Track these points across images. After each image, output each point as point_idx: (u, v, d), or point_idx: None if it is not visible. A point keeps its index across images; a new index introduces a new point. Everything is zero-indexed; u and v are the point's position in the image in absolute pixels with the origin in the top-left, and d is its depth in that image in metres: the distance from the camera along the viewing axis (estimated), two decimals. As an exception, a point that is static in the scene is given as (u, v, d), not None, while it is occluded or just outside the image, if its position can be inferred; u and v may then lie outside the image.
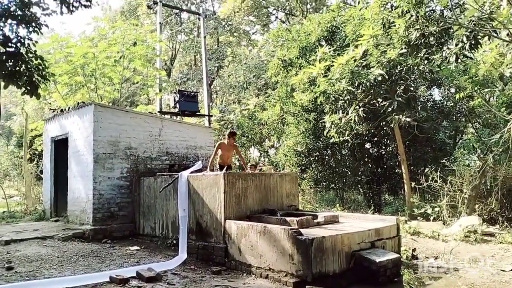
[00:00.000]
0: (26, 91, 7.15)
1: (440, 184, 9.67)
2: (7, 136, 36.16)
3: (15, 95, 27.59)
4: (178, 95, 14.55)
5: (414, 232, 8.73)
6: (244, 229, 6.96)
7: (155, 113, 16.75)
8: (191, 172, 9.21)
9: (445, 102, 13.30)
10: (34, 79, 7.16)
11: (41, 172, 13.32)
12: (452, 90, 12.79)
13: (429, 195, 10.40)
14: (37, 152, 17.56)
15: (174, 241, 8.21)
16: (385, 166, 14.29)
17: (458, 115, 12.89)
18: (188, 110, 14.80)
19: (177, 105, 14.49)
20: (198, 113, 16.23)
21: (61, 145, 10.81)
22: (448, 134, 13.04)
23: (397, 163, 12.97)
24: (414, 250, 8.06)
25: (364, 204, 14.77)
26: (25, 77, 7.09)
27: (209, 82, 22.94)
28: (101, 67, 14.18)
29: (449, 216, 9.43)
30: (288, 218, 7.23)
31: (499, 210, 9.09)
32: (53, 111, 11.50)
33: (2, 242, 7.69)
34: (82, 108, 9.86)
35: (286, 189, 8.78)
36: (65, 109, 10.68)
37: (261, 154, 18.84)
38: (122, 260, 6.99)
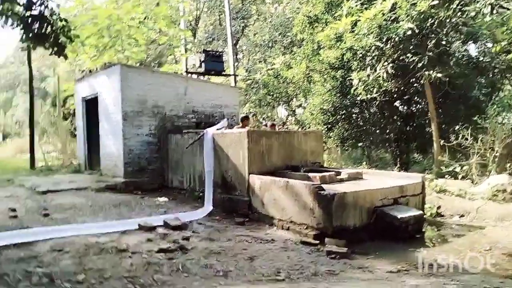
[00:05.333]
0: (53, 52, 7.37)
1: (470, 142, 9.38)
2: (43, 97, 37.53)
3: (47, 58, 28.30)
4: (203, 55, 14.52)
5: (441, 190, 8.61)
6: (267, 184, 7.10)
7: (181, 73, 16.93)
8: (217, 129, 9.37)
9: (481, 58, 12.60)
10: (60, 40, 7.34)
11: (75, 129, 13.88)
12: (489, 44, 12.07)
13: (460, 154, 10.12)
14: (70, 111, 18.21)
15: (201, 194, 8.50)
16: (414, 124, 13.91)
17: (495, 70, 12.21)
18: (213, 69, 14.73)
19: (203, 65, 14.49)
20: (223, 73, 16.19)
21: (91, 104, 11.16)
22: (483, 91, 12.41)
23: (427, 121, 12.61)
24: (439, 207, 7.99)
25: (391, 162, 14.61)
26: (52, 39, 7.27)
27: (234, 42, 22.66)
28: (126, 29, 14.27)
29: (477, 175, 9.21)
30: (310, 174, 7.29)
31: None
32: (83, 72, 11.80)
33: (40, 192, 8.21)
34: (110, 68, 10.08)
35: (311, 146, 8.78)
36: (93, 70, 10.93)
37: (288, 113, 18.75)
38: (151, 210, 7.35)
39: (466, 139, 9.43)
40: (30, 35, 7.19)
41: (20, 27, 7.19)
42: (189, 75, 16.84)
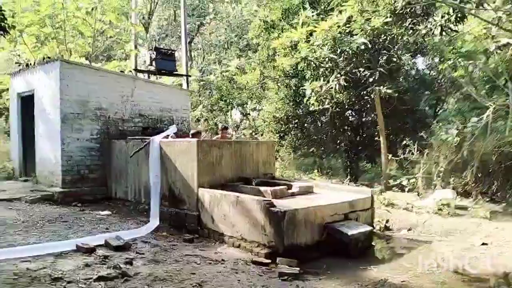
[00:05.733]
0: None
1: (416, 157, 9.71)
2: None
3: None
4: (154, 53, 13.93)
5: (389, 203, 8.82)
6: (217, 198, 6.84)
7: (130, 71, 16.10)
8: (164, 137, 8.93)
9: (428, 72, 13.16)
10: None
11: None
12: (436, 59, 12.61)
13: (406, 166, 10.48)
14: (6, 107, 16.75)
15: (147, 206, 8.03)
16: (364, 135, 14.30)
17: (441, 85, 12.81)
18: (165, 69, 14.20)
19: (153, 63, 13.90)
20: (175, 73, 15.64)
21: (29, 102, 10.22)
22: (428, 104, 13.00)
23: (376, 133, 12.96)
24: (387, 221, 8.17)
25: (341, 171, 14.89)
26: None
27: (188, 40, 22.06)
28: (71, 19, 13.29)
29: (423, 188, 9.55)
30: (262, 188, 7.13)
31: (473, 184, 9.23)
32: (19, 65, 10.81)
33: (-36, 205, 7.36)
34: (48, 64, 9.26)
35: (262, 157, 8.64)
36: (30, 64, 10.02)
37: (242, 116, 18.50)
38: (91, 226, 6.79)
39: (413, 153, 9.75)
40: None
41: None
42: (138, 74, 16.16)
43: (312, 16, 10.34)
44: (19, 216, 6.88)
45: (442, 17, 7.89)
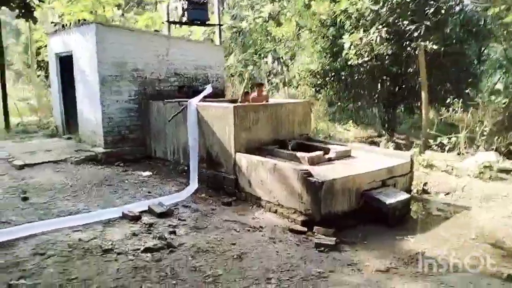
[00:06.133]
0: (20, 14, 6.65)
1: (460, 115, 9.27)
2: (15, 34, 35.15)
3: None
4: (186, 2, 13.56)
5: (428, 164, 8.60)
6: (254, 164, 6.91)
7: (162, 22, 15.87)
8: (203, 97, 8.94)
9: (476, 18, 12.09)
10: (28, 0, 6.61)
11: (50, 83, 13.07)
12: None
13: (448, 126, 10.06)
14: (45, 61, 17.14)
15: (185, 167, 8.27)
16: (403, 85, 13.70)
17: (490, 34, 11.82)
18: (197, 19, 13.88)
19: (185, 14, 13.59)
20: (208, 23, 15.25)
21: (66, 61, 10.39)
22: (475, 54, 12.14)
23: (417, 84, 12.38)
24: (425, 184, 8.03)
25: (378, 122, 14.57)
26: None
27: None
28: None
29: (465, 148, 9.20)
30: (299, 154, 7.10)
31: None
32: (55, 25, 10.85)
33: (17, 166, 7.82)
34: (84, 26, 9.24)
35: (298, 118, 8.53)
36: (66, 25, 10.03)
37: (278, 64, 17.87)
38: (134, 190, 7.11)
39: (456, 111, 9.30)
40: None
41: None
42: (171, 24, 15.87)
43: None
44: (66, 180, 7.28)
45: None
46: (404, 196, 6.65)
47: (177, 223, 5.74)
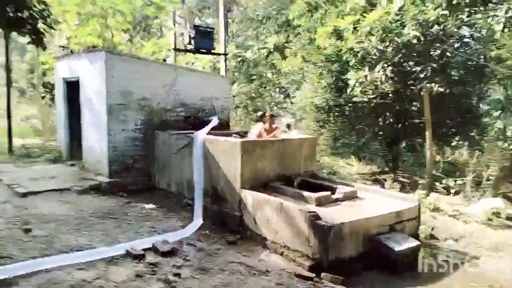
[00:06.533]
0: (31, 40, 6.66)
1: (466, 158, 9.29)
2: (21, 51, 35.38)
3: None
4: (193, 31, 13.77)
5: (434, 208, 8.54)
6: (260, 202, 6.82)
7: (168, 49, 16.02)
8: (209, 129, 8.92)
9: (476, 60, 12.28)
10: (38, 26, 6.61)
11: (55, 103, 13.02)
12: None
13: (453, 168, 10.06)
14: (52, 83, 17.19)
15: (190, 202, 8.16)
16: (406, 123, 13.79)
17: (493, 74, 11.96)
18: (203, 47, 14.08)
19: (192, 42, 13.78)
20: (213, 51, 15.45)
21: (74, 87, 10.39)
22: (478, 95, 12.29)
23: (421, 124, 12.44)
24: (432, 229, 7.93)
25: (380, 158, 14.57)
26: (29, 25, 6.55)
27: (225, 12, 21.53)
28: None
29: (471, 191, 9.17)
30: (305, 194, 7.03)
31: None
32: (63, 49, 10.91)
33: (20, 194, 7.70)
34: (93, 53, 9.31)
35: (304, 154, 8.51)
36: (75, 51, 10.10)
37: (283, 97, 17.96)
38: (138, 224, 6.98)
39: (462, 154, 9.31)
40: (3, 20, 6.45)
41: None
42: (178, 52, 16.04)
43: (361, 2, 9.74)
44: (70, 211, 7.15)
45: (506, 12, 7.23)
46: (413, 243, 6.52)
47: (181, 263, 5.61)
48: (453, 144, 9.68)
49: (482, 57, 11.76)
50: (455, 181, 9.37)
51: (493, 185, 8.74)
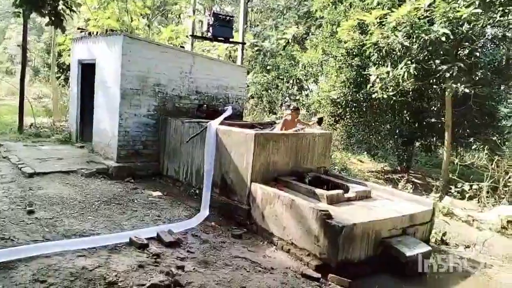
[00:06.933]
0: (50, 22, 6.53)
1: (484, 162, 8.92)
2: (38, 32, 35.67)
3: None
4: (212, 18, 13.54)
5: (448, 212, 8.23)
6: (270, 197, 6.63)
7: (186, 36, 15.84)
8: (223, 119, 8.73)
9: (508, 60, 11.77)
10: (59, 8, 6.49)
11: (69, 86, 13.01)
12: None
13: (470, 172, 9.70)
14: (66, 65, 17.20)
15: (197, 191, 8.02)
16: (423, 122, 13.39)
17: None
18: (222, 36, 13.83)
19: (210, 29, 13.56)
20: (231, 40, 15.19)
21: (89, 69, 10.29)
22: (504, 98, 11.85)
23: (439, 125, 12.07)
24: (444, 234, 7.65)
25: (393, 157, 14.24)
26: (49, 5, 6.42)
27: (246, 1, 21.19)
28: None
29: (487, 197, 8.82)
30: (317, 191, 6.80)
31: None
32: (81, 31, 10.80)
33: (26, 174, 7.63)
34: (111, 37, 9.15)
35: (318, 150, 8.28)
36: (92, 33, 9.96)
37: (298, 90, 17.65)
38: (143, 212, 6.85)
39: (481, 158, 8.94)
40: (25, -1, 6.35)
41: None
42: (195, 39, 15.83)
43: (389, -4, 9.37)
44: (75, 194, 7.05)
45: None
46: (425, 248, 6.27)
47: (185, 256, 5.46)
48: (473, 147, 9.27)
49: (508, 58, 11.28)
50: (471, 185, 9.00)
51: (510, 193, 8.37)
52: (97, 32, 9.81)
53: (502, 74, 11.17)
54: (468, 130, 12.33)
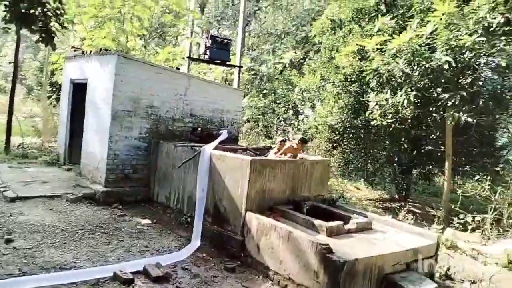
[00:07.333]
0: (40, 39, 6.26)
1: (487, 194, 8.61)
2: (34, 49, 35.54)
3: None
4: (209, 41, 13.45)
5: (451, 245, 7.86)
6: (266, 228, 6.23)
7: (182, 58, 15.68)
8: (217, 144, 8.39)
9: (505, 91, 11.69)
10: (50, 25, 6.22)
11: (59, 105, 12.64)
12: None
13: (471, 201, 9.36)
14: (59, 84, 16.92)
15: (188, 219, 7.59)
16: (422, 150, 13.16)
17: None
18: (219, 58, 13.73)
19: (207, 52, 13.45)
20: (228, 63, 15.06)
21: (80, 89, 9.98)
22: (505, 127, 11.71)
23: (438, 153, 11.81)
24: (448, 269, 7.25)
25: (391, 184, 13.93)
26: (40, 22, 6.16)
27: (244, 25, 21.25)
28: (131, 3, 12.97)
29: (490, 229, 8.48)
30: (316, 222, 6.42)
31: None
32: (75, 50, 10.55)
33: (8, 199, 7.19)
34: (104, 56, 8.89)
35: (316, 177, 7.94)
36: (86, 52, 9.71)
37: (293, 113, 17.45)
38: (130, 241, 6.41)
39: (484, 189, 8.64)
40: (16, 15, 6.08)
41: (4, 3, 6.07)
42: (192, 61, 15.66)
43: (390, 23, 9.23)
44: (58, 222, 6.60)
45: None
46: (430, 285, 5.87)
47: (174, 292, 5.03)
48: (476, 177, 9.00)
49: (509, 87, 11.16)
50: (474, 217, 8.67)
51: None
52: (90, 51, 9.54)
53: (503, 104, 11.03)
54: (466, 159, 12.11)
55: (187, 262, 6.09)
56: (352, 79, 11.83)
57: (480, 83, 8.82)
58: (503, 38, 7.70)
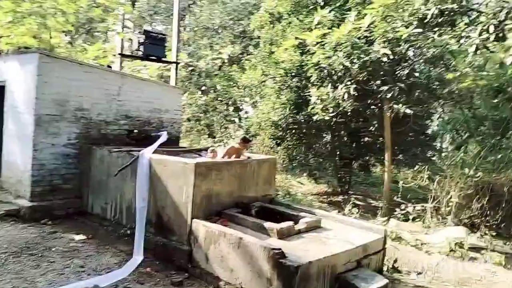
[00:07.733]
0: None
1: (425, 182, 8.94)
2: None
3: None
4: (143, 36, 12.80)
5: (396, 237, 8.04)
6: (214, 235, 5.88)
7: (114, 55, 14.73)
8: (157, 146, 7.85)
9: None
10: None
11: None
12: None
13: (411, 191, 9.70)
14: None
15: (128, 231, 6.99)
16: (361, 142, 13.52)
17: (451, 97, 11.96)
18: (153, 54, 13.14)
19: (141, 48, 12.80)
20: (164, 59, 14.43)
21: (-2, 92, 8.88)
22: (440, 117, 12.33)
23: (377, 144, 12.15)
24: (395, 261, 7.40)
25: (333, 177, 14.17)
26: None
27: (179, 19, 20.49)
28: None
29: (431, 218, 8.82)
30: (266, 225, 6.19)
31: (482, 218, 8.55)
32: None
33: None
34: (24, 55, 7.96)
35: (263, 177, 7.75)
36: (3, 51, 8.63)
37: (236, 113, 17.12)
38: (63, 262, 5.74)
39: (422, 179, 8.96)
40: None
41: None
42: (125, 58, 14.77)
43: (328, 15, 9.20)
44: (-24, 245, 5.76)
45: (480, 34, 6.94)
46: (382, 281, 5.87)
47: (114, 319, 4.52)
48: (416, 168, 9.33)
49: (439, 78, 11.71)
50: (414, 207, 8.97)
51: (454, 213, 8.43)
52: (8, 50, 8.48)
53: (435, 93, 11.55)
54: (402, 149, 12.57)
55: (129, 280, 5.55)
56: (293, 74, 11.76)
57: (416, 74, 9.12)
58: (436, 29, 7.94)
